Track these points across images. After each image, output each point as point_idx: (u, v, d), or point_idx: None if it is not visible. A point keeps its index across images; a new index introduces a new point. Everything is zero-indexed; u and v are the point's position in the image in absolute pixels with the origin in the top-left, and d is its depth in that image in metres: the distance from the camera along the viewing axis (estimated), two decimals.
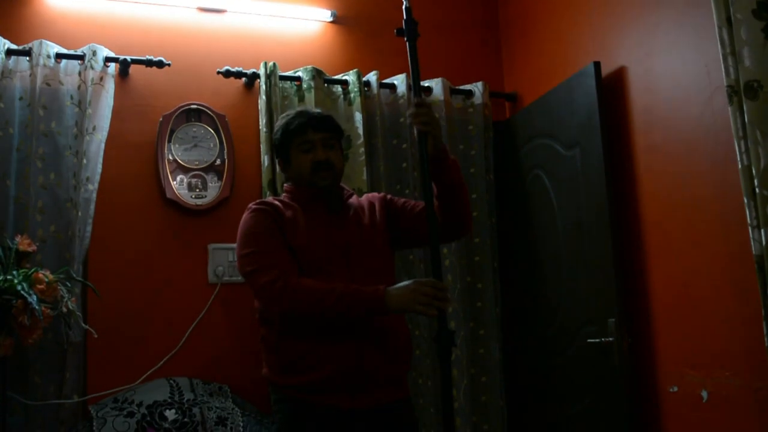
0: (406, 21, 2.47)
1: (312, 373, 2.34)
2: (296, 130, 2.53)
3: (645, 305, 3.12)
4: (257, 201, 2.60)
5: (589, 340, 3.24)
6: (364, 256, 2.47)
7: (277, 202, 2.54)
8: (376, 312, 2.26)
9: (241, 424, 3.17)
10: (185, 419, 3.07)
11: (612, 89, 3.31)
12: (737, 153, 2.39)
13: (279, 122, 2.66)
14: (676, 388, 2.93)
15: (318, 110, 2.67)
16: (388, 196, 2.73)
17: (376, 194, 2.75)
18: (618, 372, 3.06)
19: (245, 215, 2.52)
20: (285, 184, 2.67)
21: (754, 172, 2.32)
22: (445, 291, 2.23)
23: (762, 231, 2.30)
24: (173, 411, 3.09)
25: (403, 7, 2.48)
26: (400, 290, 2.24)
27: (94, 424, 3.00)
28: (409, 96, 3.82)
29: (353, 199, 2.65)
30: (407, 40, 2.46)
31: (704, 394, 2.78)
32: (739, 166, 2.39)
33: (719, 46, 2.44)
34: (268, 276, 2.31)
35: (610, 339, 3.10)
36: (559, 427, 3.54)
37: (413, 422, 2.56)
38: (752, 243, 2.36)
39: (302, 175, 2.53)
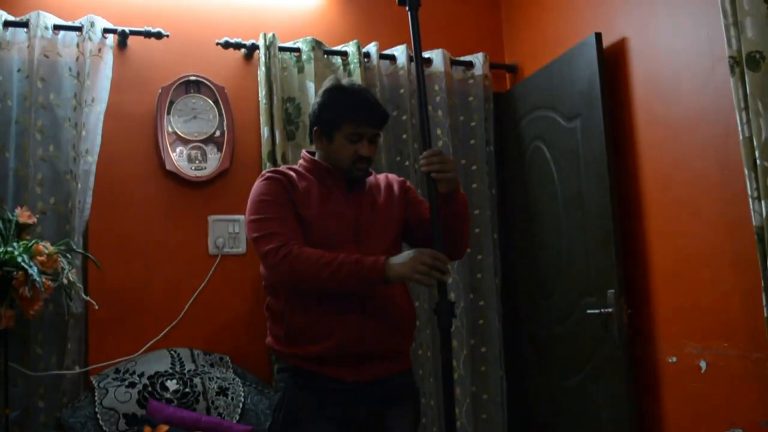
0: None
1: (316, 345, 2.34)
2: (352, 120, 2.42)
3: (644, 276, 3.13)
4: (271, 169, 2.55)
5: (588, 311, 3.25)
6: (375, 235, 2.45)
7: (291, 172, 2.48)
8: (375, 280, 2.23)
9: (242, 394, 3.19)
10: (186, 389, 3.09)
11: (613, 60, 3.29)
12: (738, 124, 2.39)
13: (331, 93, 2.48)
14: (674, 359, 2.95)
15: (373, 97, 2.54)
16: (407, 184, 2.69)
17: (395, 176, 2.70)
18: (617, 343, 3.08)
19: (257, 182, 2.47)
20: (304, 152, 2.59)
21: (755, 143, 2.32)
22: (445, 262, 2.22)
23: (762, 202, 2.30)
24: (174, 381, 3.11)
25: None
26: (400, 258, 2.23)
27: (96, 394, 3.03)
28: (409, 67, 3.81)
29: (370, 177, 2.61)
30: (409, 10, 2.43)
31: (703, 364, 2.80)
32: (741, 137, 2.39)
33: (721, 16, 2.43)
34: (273, 243, 2.28)
35: (610, 310, 3.11)
36: (558, 397, 3.56)
37: (415, 393, 2.58)
38: (752, 214, 2.36)
39: (339, 160, 2.46)
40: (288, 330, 2.38)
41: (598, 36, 3.24)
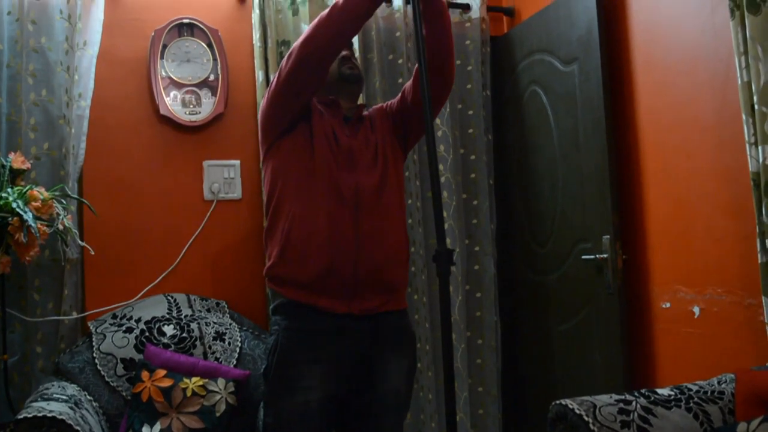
0: None
1: (308, 267, 2.36)
2: None
3: (640, 222, 3.14)
4: None
5: (583, 257, 3.27)
6: (369, 165, 2.51)
7: (317, 105, 2.60)
8: None
9: (239, 338, 3.22)
10: (184, 334, 3.12)
11: (612, 3, 3.25)
12: (737, 69, 2.37)
13: None
14: (668, 305, 2.97)
15: None
16: (384, 105, 2.77)
17: (378, 108, 2.78)
18: (611, 288, 3.10)
19: None
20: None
21: (753, 88, 2.30)
22: None
23: (759, 148, 2.30)
24: (172, 326, 3.13)
25: None
26: None
27: (94, 339, 3.05)
28: (406, 9, 3.76)
29: (370, 112, 2.72)
30: None
31: (696, 310, 2.82)
32: (739, 82, 2.37)
33: None
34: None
35: (605, 256, 3.12)
36: (552, 342, 3.59)
37: (411, 335, 2.59)
38: (749, 160, 2.36)
39: (331, 71, 2.55)
40: (284, 246, 2.40)
41: None
